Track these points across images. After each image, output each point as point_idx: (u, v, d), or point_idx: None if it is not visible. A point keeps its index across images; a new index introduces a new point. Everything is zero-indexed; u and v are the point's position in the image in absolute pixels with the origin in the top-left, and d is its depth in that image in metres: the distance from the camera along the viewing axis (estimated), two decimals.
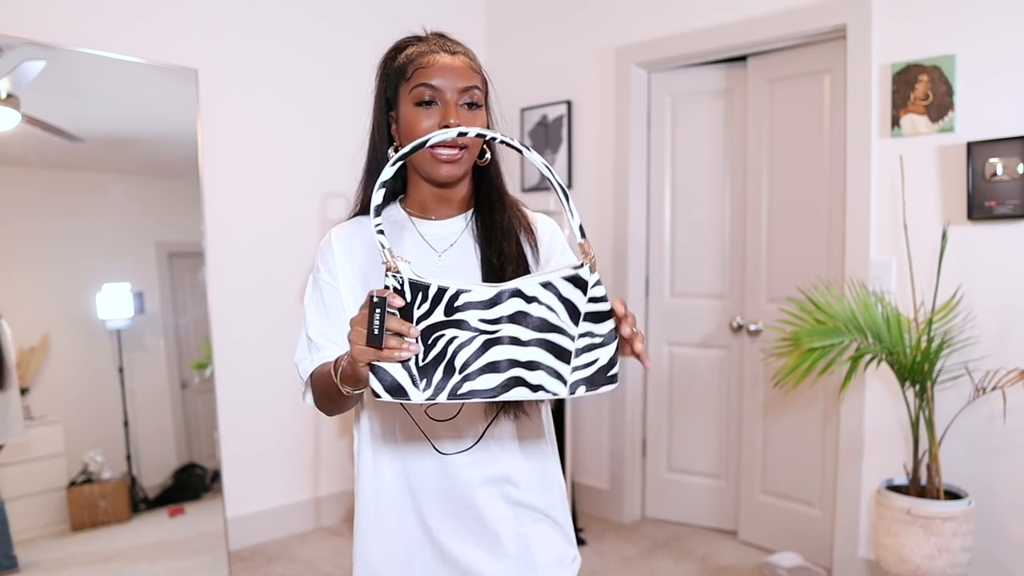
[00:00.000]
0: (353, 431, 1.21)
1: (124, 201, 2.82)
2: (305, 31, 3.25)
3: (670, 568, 2.91)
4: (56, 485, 2.60)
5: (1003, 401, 2.25)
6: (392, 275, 0.90)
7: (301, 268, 3.26)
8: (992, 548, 2.41)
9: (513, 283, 0.92)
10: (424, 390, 0.89)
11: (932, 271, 2.41)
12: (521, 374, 0.91)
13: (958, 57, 2.42)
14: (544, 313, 0.91)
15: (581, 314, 0.92)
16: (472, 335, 0.90)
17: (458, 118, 1.08)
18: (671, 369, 3.40)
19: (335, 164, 3.31)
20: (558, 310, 0.92)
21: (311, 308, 1.17)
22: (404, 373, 0.89)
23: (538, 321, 0.91)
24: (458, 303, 0.90)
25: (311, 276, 1.20)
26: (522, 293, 0.91)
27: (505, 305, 0.91)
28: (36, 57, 2.48)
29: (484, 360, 0.90)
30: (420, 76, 1.09)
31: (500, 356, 0.91)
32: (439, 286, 0.90)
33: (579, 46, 3.48)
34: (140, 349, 2.82)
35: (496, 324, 0.91)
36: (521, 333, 0.91)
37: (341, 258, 1.17)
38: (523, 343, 0.91)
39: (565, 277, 0.92)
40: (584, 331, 0.92)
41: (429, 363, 0.90)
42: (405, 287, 0.90)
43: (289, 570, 2.89)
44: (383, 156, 1.18)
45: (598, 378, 0.93)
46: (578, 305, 0.92)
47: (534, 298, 0.91)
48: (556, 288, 0.92)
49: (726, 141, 3.22)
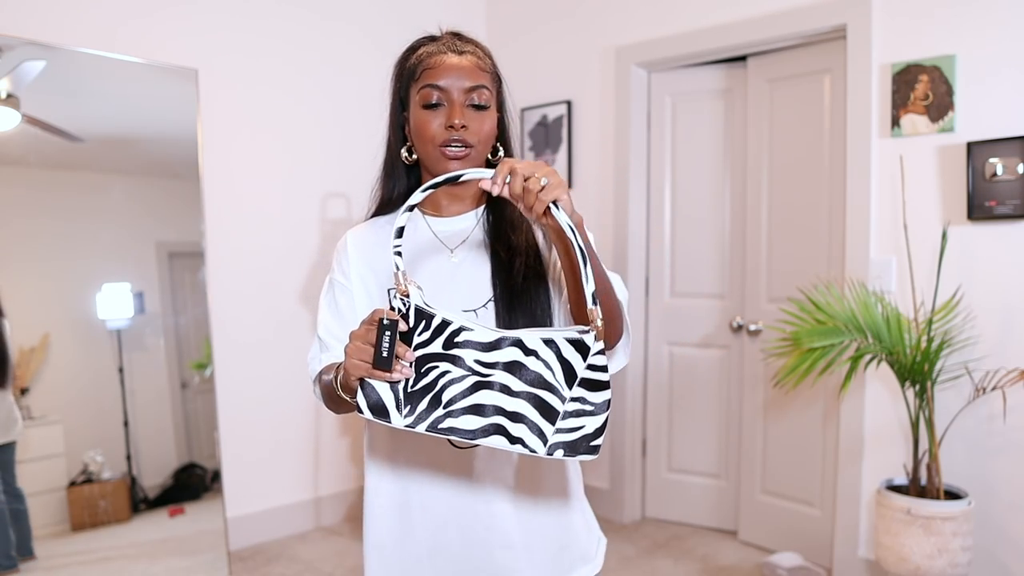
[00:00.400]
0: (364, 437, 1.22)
1: (124, 201, 2.82)
2: (305, 31, 3.25)
3: (670, 568, 2.91)
4: (56, 485, 2.60)
5: (1003, 401, 2.25)
6: (401, 298, 0.91)
7: (301, 268, 3.26)
8: (992, 548, 2.41)
9: (516, 332, 0.92)
10: (406, 416, 0.90)
11: (932, 271, 2.41)
12: (504, 423, 0.90)
13: (958, 57, 2.42)
14: (540, 369, 0.91)
15: (577, 378, 0.91)
16: (464, 374, 0.91)
17: (463, 119, 1.08)
18: (671, 369, 3.39)
19: (335, 164, 3.31)
20: (555, 369, 0.91)
21: (324, 308, 1.18)
22: (391, 395, 0.90)
23: (533, 375, 0.91)
24: (458, 339, 0.91)
25: (328, 277, 1.21)
26: (523, 344, 0.91)
27: (503, 352, 0.91)
28: (36, 57, 2.48)
29: (471, 401, 0.91)
30: (427, 77, 1.10)
31: (487, 400, 0.91)
32: (443, 319, 0.91)
33: (579, 46, 3.48)
34: (140, 349, 2.82)
35: (491, 368, 0.91)
36: (513, 383, 0.91)
37: (356, 260, 1.17)
38: (513, 393, 0.91)
39: (568, 339, 0.92)
40: (577, 395, 0.91)
41: (417, 391, 0.90)
42: (410, 312, 0.91)
43: (289, 570, 2.89)
44: (397, 157, 1.18)
45: (580, 445, 0.91)
46: (576, 368, 0.91)
47: (533, 352, 0.91)
48: (557, 347, 0.92)
49: (726, 141, 3.22)
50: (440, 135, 1.09)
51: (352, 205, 3.34)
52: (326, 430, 3.38)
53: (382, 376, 0.89)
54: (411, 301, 0.91)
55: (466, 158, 1.10)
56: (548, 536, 1.15)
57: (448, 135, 1.08)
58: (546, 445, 0.90)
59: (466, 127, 1.09)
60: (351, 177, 3.29)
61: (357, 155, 3.24)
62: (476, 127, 1.10)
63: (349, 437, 3.46)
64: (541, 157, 3.59)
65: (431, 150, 1.10)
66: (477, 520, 1.11)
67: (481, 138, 1.11)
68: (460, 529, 1.12)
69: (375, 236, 1.19)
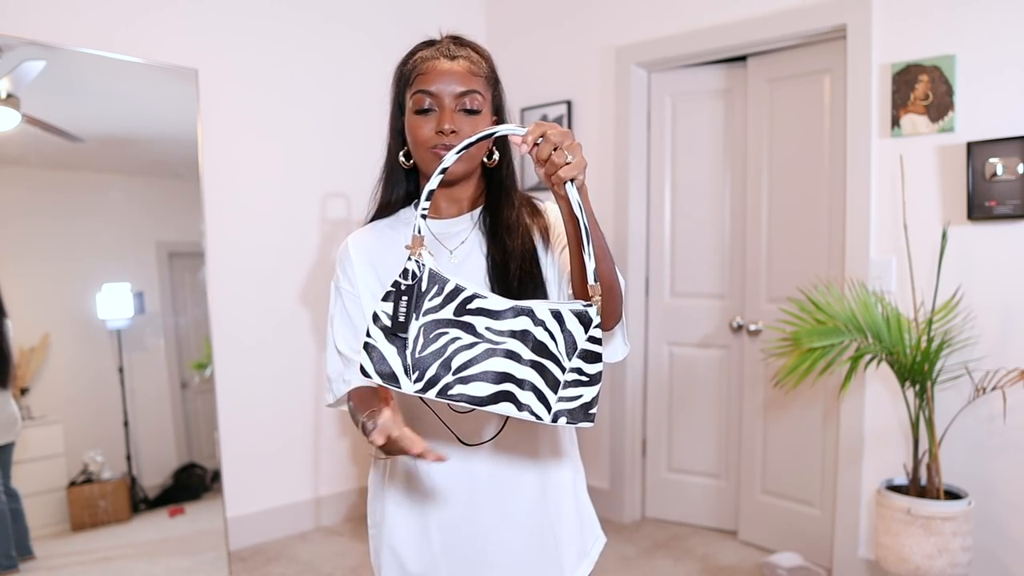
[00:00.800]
0: None
1: (124, 201, 2.82)
2: (306, 31, 3.25)
3: (670, 568, 2.91)
4: (56, 485, 2.60)
5: (1003, 401, 2.25)
6: (415, 260, 0.92)
7: (301, 268, 3.26)
8: (992, 548, 2.41)
9: (527, 303, 0.94)
10: (415, 382, 0.91)
11: (932, 271, 2.41)
12: (513, 390, 0.92)
13: (958, 57, 2.42)
14: (546, 339, 0.93)
15: (577, 349, 0.94)
16: (475, 340, 0.92)
17: (453, 124, 1.10)
18: (671, 369, 3.39)
19: (335, 164, 3.31)
20: (558, 340, 0.94)
21: (337, 319, 1.18)
22: (398, 360, 0.91)
23: (539, 344, 0.93)
24: (471, 306, 0.92)
25: (333, 284, 1.21)
26: (533, 314, 0.94)
27: (514, 321, 0.93)
28: (36, 57, 2.48)
29: (481, 367, 0.92)
30: (420, 82, 1.12)
31: (498, 368, 0.92)
32: (457, 284, 0.93)
33: (579, 46, 3.48)
34: (140, 349, 2.82)
35: (501, 336, 0.93)
36: (522, 351, 0.93)
37: (359, 264, 1.18)
38: (521, 361, 0.93)
39: (573, 311, 0.95)
40: (575, 366, 0.94)
41: (426, 356, 0.91)
42: (424, 275, 0.92)
43: (289, 570, 2.89)
44: (396, 161, 1.20)
45: (578, 413, 0.94)
46: (577, 340, 0.94)
47: (542, 322, 0.94)
48: (563, 319, 0.94)
49: (726, 141, 3.22)
50: (431, 139, 1.11)
51: (352, 205, 3.34)
52: (326, 430, 3.38)
53: (425, 451, 0.92)
54: (424, 264, 0.92)
55: (458, 160, 1.10)
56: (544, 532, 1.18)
57: (439, 140, 1.10)
58: (550, 412, 0.93)
59: (456, 132, 1.10)
60: (351, 177, 3.29)
61: (357, 155, 3.24)
62: (467, 132, 1.11)
63: (349, 437, 3.46)
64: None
65: (423, 153, 1.12)
66: (491, 517, 1.15)
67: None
68: (473, 527, 1.15)
69: (376, 240, 1.20)
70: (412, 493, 1.16)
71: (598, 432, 3.47)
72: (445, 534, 1.15)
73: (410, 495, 1.16)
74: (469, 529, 1.14)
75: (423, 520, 1.15)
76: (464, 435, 1.13)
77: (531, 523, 1.16)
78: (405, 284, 0.91)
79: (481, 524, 1.14)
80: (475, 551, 1.14)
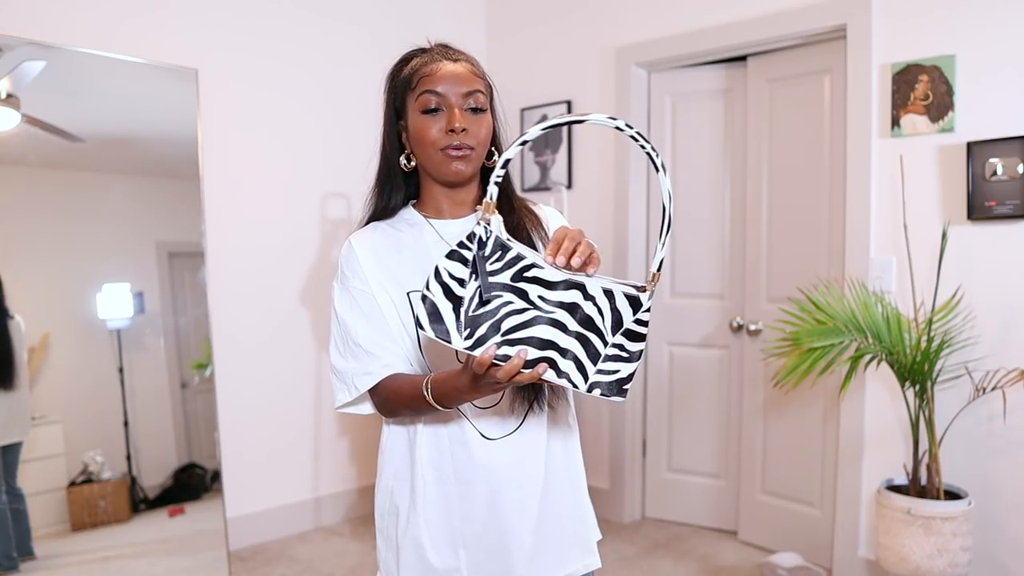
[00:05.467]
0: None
1: (124, 201, 2.82)
2: (306, 31, 3.25)
3: (670, 568, 2.91)
4: (56, 485, 2.59)
5: (1003, 401, 2.25)
6: (483, 225, 0.96)
7: (301, 268, 3.26)
8: (992, 548, 2.41)
9: (581, 277, 0.98)
10: (466, 339, 0.95)
11: (932, 271, 2.41)
12: (555, 357, 0.96)
13: (958, 57, 2.42)
14: (594, 313, 0.98)
15: (623, 328, 0.99)
16: (526, 307, 0.96)
17: (462, 122, 1.12)
18: (671, 369, 3.40)
19: (335, 164, 3.31)
20: (606, 316, 0.98)
21: (351, 318, 1.17)
22: (452, 317, 0.95)
23: (586, 318, 0.97)
24: (528, 274, 0.96)
25: (338, 285, 1.20)
26: (585, 289, 0.97)
27: (566, 293, 0.97)
28: (36, 57, 2.48)
29: (528, 333, 0.96)
30: (425, 84, 1.13)
31: (543, 335, 0.96)
32: (518, 252, 0.97)
33: (579, 46, 3.48)
34: (140, 349, 2.82)
35: (550, 306, 0.97)
36: (568, 322, 0.97)
37: (367, 262, 1.18)
38: (566, 331, 0.97)
39: (626, 293, 0.99)
40: (617, 343, 0.99)
41: (479, 315, 0.95)
42: (489, 240, 0.96)
43: (289, 570, 2.89)
44: (395, 165, 1.21)
45: (613, 387, 0.99)
46: (624, 319, 0.99)
47: (592, 297, 0.98)
48: (614, 297, 0.99)
49: (726, 141, 3.22)
50: (441, 139, 1.12)
51: (352, 205, 3.34)
52: (326, 430, 3.38)
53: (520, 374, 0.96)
54: (492, 230, 0.96)
55: (466, 158, 1.14)
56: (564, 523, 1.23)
57: (449, 139, 1.12)
58: (587, 382, 0.97)
59: (466, 130, 1.12)
60: (351, 177, 3.28)
61: (357, 155, 3.22)
62: (475, 130, 1.14)
63: (349, 437, 3.46)
64: (541, 157, 3.59)
65: (433, 153, 1.14)
66: (507, 502, 1.16)
67: (480, 140, 1.15)
68: (491, 504, 1.16)
69: (382, 239, 1.20)
70: (439, 486, 1.17)
71: (598, 432, 3.47)
72: (468, 526, 1.16)
73: (437, 488, 1.17)
74: (491, 522, 1.16)
75: (448, 513, 1.17)
76: (485, 430, 1.15)
77: (547, 516, 1.18)
78: (471, 245, 0.95)
79: (501, 515, 1.15)
80: (496, 544, 1.16)
